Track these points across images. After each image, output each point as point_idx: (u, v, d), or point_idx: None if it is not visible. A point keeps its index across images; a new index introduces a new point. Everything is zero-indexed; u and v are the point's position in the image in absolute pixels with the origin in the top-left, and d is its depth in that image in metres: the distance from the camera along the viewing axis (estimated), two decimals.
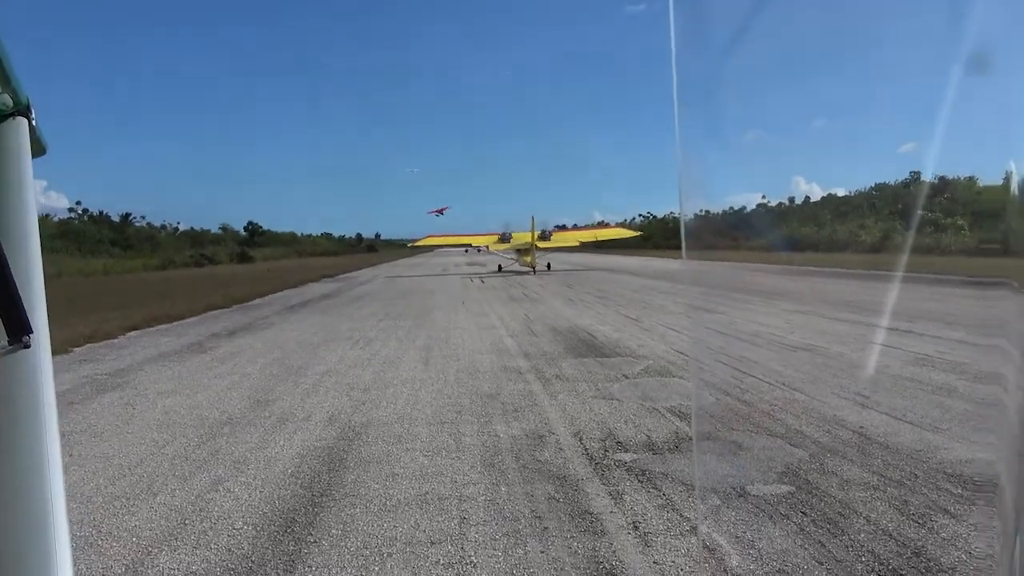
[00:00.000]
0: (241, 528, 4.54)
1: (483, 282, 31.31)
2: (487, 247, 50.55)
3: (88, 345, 13.46)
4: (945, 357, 9.59)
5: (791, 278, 27.02)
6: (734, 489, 5.00)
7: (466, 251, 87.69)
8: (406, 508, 4.81)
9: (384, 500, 4.97)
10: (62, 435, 4.07)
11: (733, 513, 4.56)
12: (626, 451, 6.00)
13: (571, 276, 34.50)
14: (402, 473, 5.55)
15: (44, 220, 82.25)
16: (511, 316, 16.95)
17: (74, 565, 0.99)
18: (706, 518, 4.52)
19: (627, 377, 9.12)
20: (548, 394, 8.25)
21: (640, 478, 5.31)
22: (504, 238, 46.76)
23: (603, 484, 5.21)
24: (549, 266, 42.47)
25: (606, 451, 6.01)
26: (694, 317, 15.44)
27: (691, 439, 6.31)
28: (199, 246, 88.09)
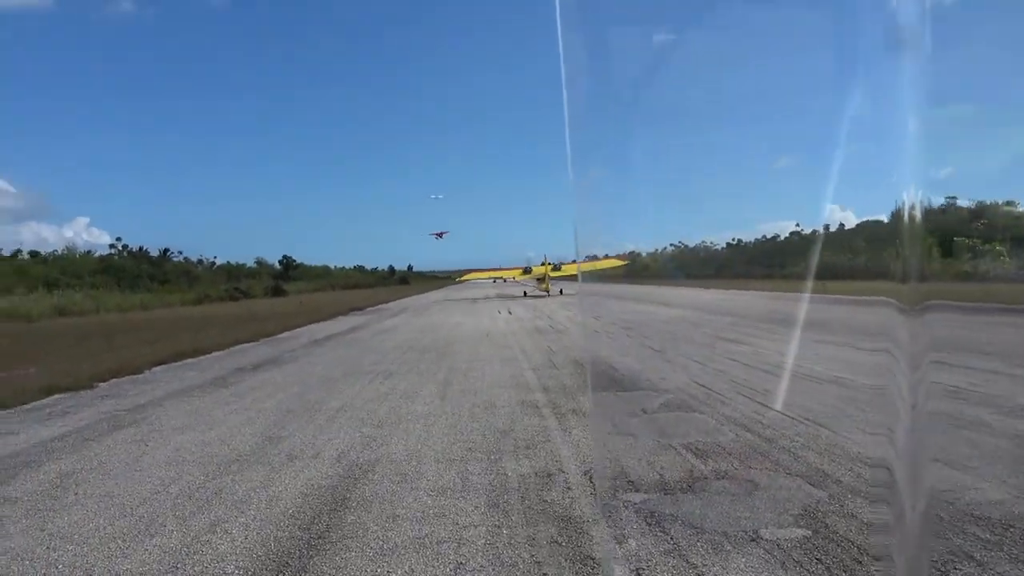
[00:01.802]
0: (232, 573, 4.42)
1: (510, 313, 31.20)
2: (513, 278, 63.90)
3: (113, 380, 13.60)
4: (978, 390, 9.19)
5: (824, 307, 26.43)
6: (746, 533, 4.77)
7: (494, 282, 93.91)
8: (402, 552, 4.66)
9: (381, 543, 4.83)
10: (72, 473, 4.06)
11: (743, 559, 4.33)
12: (636, 491, 5.78)
13: (599, 307, 34.23)
14: (403, 514, 5.39)
15: (86, 256, 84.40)
16: (534, 347, 16.76)
17: None
18: (713, 567, 4.30)
19: (646, 412, 8.88)
20: (563, 430, 8.06)
21: (648, 520, 5.09)
22: (526, 270, 61.01)
23: (609, 527, 5.00)
24: (561, 291, 53.47)
25: (616, 491, 5.80)
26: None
27: (706, 478, 6.07)
28: (235, 280, 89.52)
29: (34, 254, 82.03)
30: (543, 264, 56.09)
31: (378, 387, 11.66)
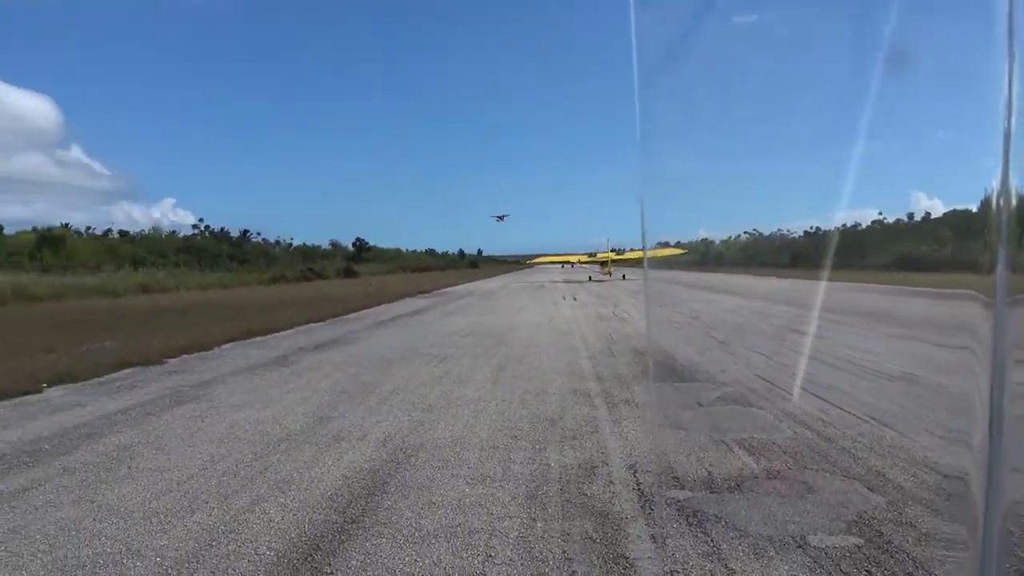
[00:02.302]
0: (264, 554, 4.44)
1: (575, 299, 30.96)
2: (579, 263, 69.90)
3: (183, 356, 14.05)
4: None
5: (903, 299, 25.26)
6: (793, 539, 4.50)
7: (562, 267, 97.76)
8: (433, 541, 4.58)
9: (413, 531, 4.77)
10: (129, 446, 4.09)
11: (786, 567, 4.09)
12: (681, 488, 5.56)
13: (664, 294, 33.64)
14: (440, 502, 5.33)
15: (171, 236, 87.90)
16: (595, 335, 16.53)
17: None
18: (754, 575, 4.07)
19: (701, 405, 8.59)
20: (612, 420, 7.86)
21: (690, 520, 4.88)
22: (591, 256, 66.67)
23: (648, 525, 4.81)
24: (624, 276, 57.64)
25: (660, 487, 5.60)
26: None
27: (756, 477, 5.79)
28: (310, 261, 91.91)
29: (123, 233, 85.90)
30: (607, 251, 63.46)
31: (432, 370, 11.67)
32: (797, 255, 79.79)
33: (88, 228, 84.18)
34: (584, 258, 68.99)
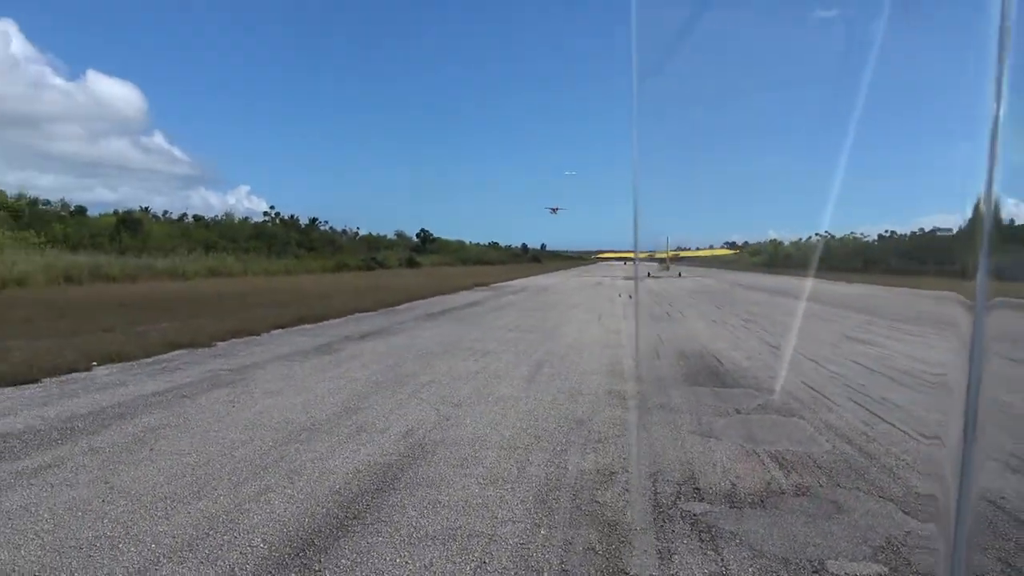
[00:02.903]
0: (256, 546, 4.37)
1: (630, 298, 30.46)
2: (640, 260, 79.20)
3: (231, 340, 14.31)
4: None
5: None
6: (811, 562, 4.19)
7: (624, 263, 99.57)
8: (430, 543, 4.44)
9: (412, 531, 4.63)
10: (156, 428, 4.07)
11: None
12: (701, 500, 5.28)
13: (722, 296, 32.81)
14: (446, 502, 5.18)
15: (243, 222, 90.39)
16: (644, 335, 16.16)
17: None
18: None
19: (739, 412, 8.23)
20: (642, 425, 7.58)
21: (703, 536, 4.60)
22: (651, 254, 75.30)
23: (657, 539, 4.56)
24: (680, 273, 61.94)
25: (678, 498, 5.32)
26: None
27: (783, 493, 5.46)
28: (375, 250, 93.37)
29: (198, 218, 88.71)
30: (666, 250, 71.81)
31: (471, 365, 11.56)
32: (870, 260, 76.96)
33: (165, 212, 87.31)
34: (644, 256, 77.91)
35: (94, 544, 4.37)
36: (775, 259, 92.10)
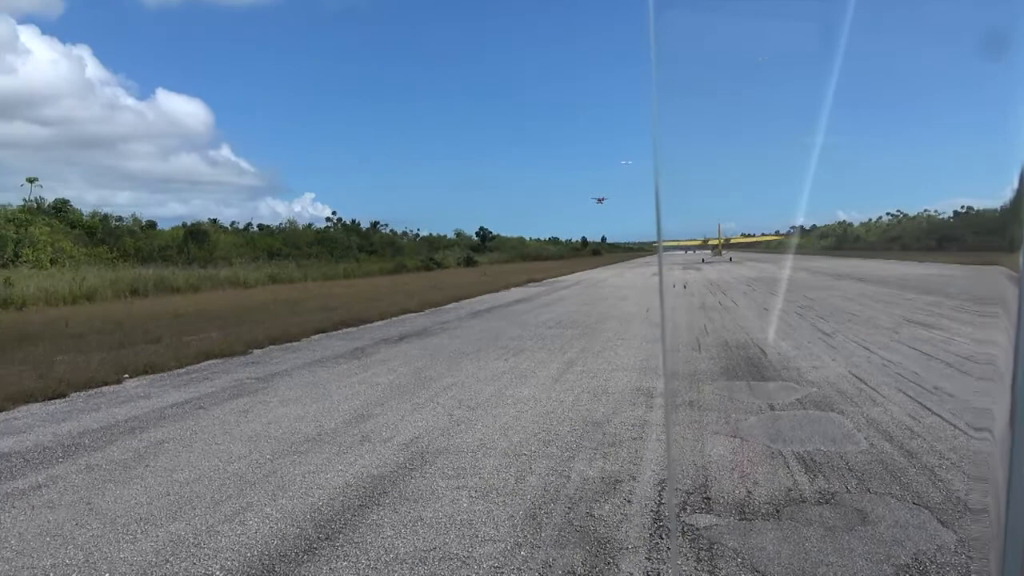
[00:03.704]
0: (213, 574, 4.10)
1: (684, 288, 29.56)
2: (694, 250, 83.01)
3: (269, 347, 14.31)
4: None
5: None
6: None
7: (685, 252, 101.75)
8: (396, 567, 4.09)
9: (382, 554, 4.29)
10: (160, 443, 3.81)
11: None
12: (708, 512, 4.78)
13: (776, 284, 31.57)
14: (428, 519, 4.82)
15: (306, 229, 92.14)
16: (689, 326, 15.48)
17: None
18: None
19: (772, 408, 7.63)
20: (662, 426, 7.08)
21: (701, 554, 4.12)
22: (705, 241, 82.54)
23: (648, 559, 4.10)
24: (731, 259, 68.79)
25: (683, 510, 4.84)
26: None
27: (804, 501, 4.90)
28: (434, 250, 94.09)
29: (262, 227, 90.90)
30: (718, 237, 79.88)
31: (500, 364, 11.19)
32: (946, 237, 73.32)
33: (233, 223, 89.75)
34: (700, 243, 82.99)
35: (49, 573, 4.17)
36: (843, 241, 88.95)
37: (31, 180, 58.82)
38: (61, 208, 60.01)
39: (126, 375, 11.13)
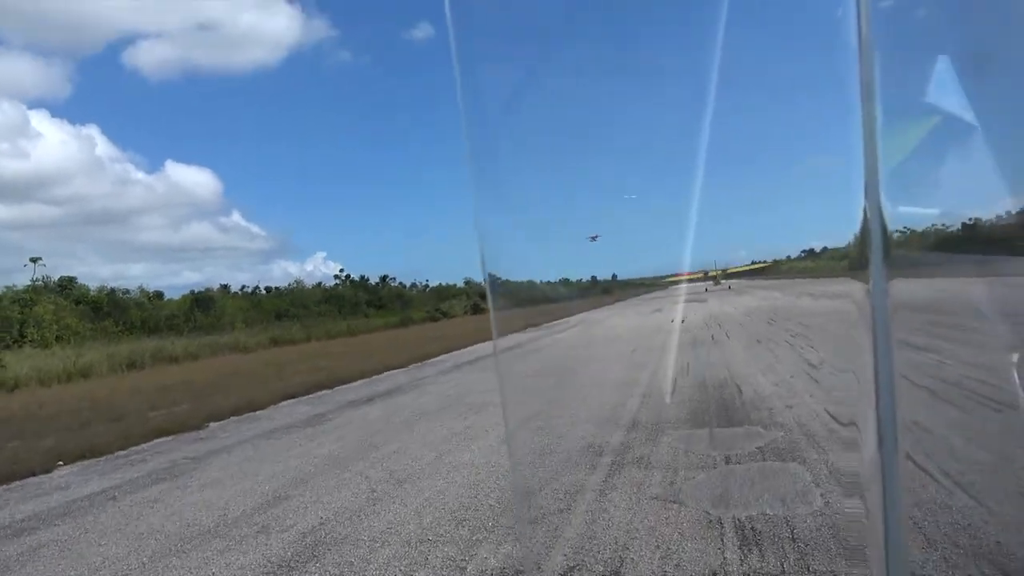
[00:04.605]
0: None
1: (683, 322, 28.62)
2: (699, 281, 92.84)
3: (229, 419, 13.66)
4: None
5: None
6: None
7: (687, 284, 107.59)
8: None
9: None
10: (40, 547, 2.96)
11: None
12: None
13: (775, 313, 30.59)
14: None
15: (314, 288, 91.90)
16: (674, 361, 14.63)
17: None
18: None
19: (728, 461, 6.79)
20: (600, 490, 6.25)
21: None
22: (705, 273, 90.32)
23: None
24: (729, 286, 73.47)
25: None
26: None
27: None
28: (443, 300, 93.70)
29: (268, 289, 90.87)
30: (715, 269, 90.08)
31: (456, 424, 10.42)
32: (994, 240, 71.84)
33: (243, 287, 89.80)
34: (701, 276, 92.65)
35: None
36: (856, 263, 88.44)
37: (34, 260, 59.12)
38: (67, 285, 60.10)
39: (60, 462, 10.45)
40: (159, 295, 73.56)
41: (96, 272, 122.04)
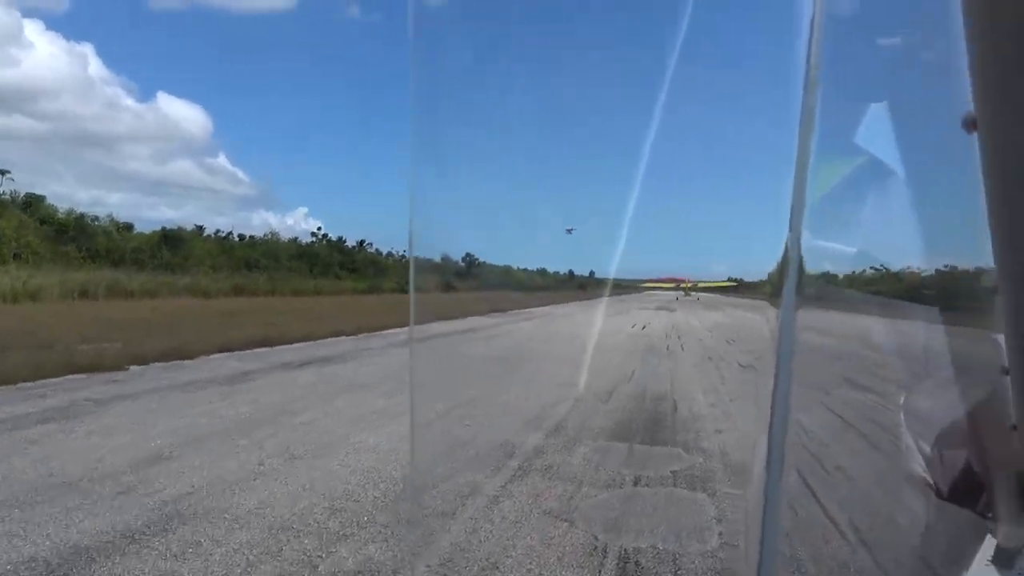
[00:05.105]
0: None
1: (644, 329, 28.34)
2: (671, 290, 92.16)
3: (152, 364, 13.13)
4: None
5: None
6: None
7: (677, 296, 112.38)
8: None
9: None
10: None
11: None
12: None
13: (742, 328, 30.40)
14: None
15: (289, 243, 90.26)
16: (615, 371, 14.26)
17: None
18: None
19: (636, 483, 6.43)
20: (490, 498, 5.85)
21: None
22: (677, 284, 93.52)
23: None
24: (699, 298, 79.98)
25: None
26: None
27: None
28: (418, 273, 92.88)
29: (242, 237, 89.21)
30: (687, 281, 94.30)
31: (380, 402, 9.97)
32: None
33: (217, 231, 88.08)
34: (673, 286, 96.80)
35: None
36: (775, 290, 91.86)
37: (2, 172, 57.43)
38: (33, 203, 58.33)
39: None
40: (128, 227, 71.75)
41: (73, 195, 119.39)
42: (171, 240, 70.77)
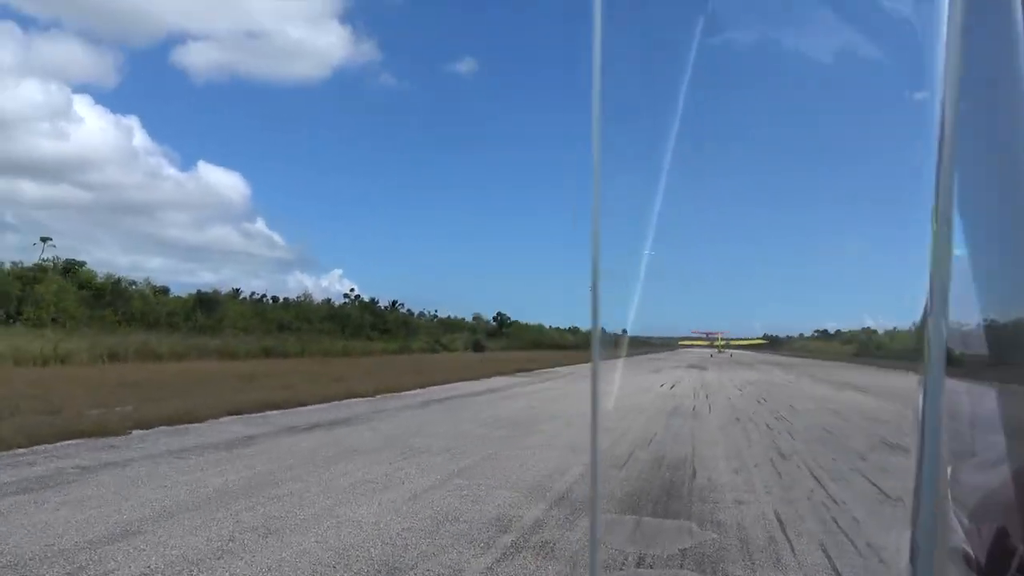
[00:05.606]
0: None
1: (672, 389, 27.46)
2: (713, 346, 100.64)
3: (158, 428, 12.77)
4: None
5: None
6: None
7: (712, 353, 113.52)
8: None
9: None
10: None
11: None
12: None
13: (773, 391, 29.39)
14: None
15: (322, 304, 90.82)
16: (641, 433, 13.55)
17: None
18: None
19: (640, 564, 5.78)
20: None
21: None
22: (711, 340, 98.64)
23: None
24: (731, 355, 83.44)
25: None
26: None
27: None
28: (449, 332, 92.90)
29: (275, 299, 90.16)
30: (720, 337, 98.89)
31: (378, 469, 9.44)
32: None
33: (252, 294, 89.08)
34: (706, 343, 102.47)
35: None
36: (866, 348, 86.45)
37: (44, 239, 59.04)
38: (72, 268, 59.69)
39: None
40: (164, 290, 72.91)
41: (114, 260, 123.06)
42: (206, 303, 71.65)
